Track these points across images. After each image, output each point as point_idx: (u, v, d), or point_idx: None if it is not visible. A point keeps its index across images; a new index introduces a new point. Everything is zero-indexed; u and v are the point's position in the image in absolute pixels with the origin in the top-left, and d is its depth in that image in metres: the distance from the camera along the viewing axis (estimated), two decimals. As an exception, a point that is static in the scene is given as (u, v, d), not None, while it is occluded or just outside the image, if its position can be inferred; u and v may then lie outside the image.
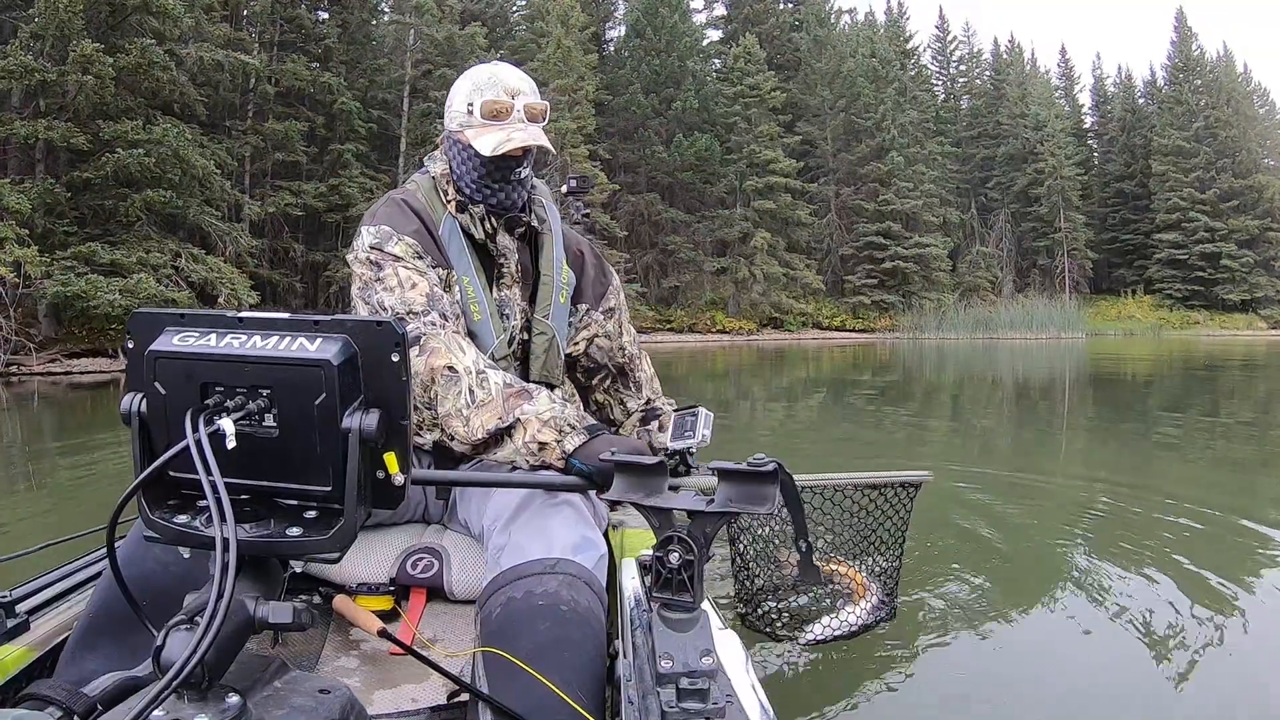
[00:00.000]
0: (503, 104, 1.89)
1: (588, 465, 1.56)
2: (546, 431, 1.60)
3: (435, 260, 1.86)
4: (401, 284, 1.78)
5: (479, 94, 1.90)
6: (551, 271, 2.02)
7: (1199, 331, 47.40)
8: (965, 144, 55.73)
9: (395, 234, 1.83)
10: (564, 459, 1.58)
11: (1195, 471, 6.39)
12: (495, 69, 1.95)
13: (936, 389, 15.37)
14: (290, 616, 0.82)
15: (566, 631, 1.38)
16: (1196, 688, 2.61)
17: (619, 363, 2.22)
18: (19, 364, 18.40)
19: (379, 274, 1.80)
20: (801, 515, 1.55)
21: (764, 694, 1.18)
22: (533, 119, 1.92)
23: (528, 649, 1.34)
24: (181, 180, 21.41)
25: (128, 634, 1.32)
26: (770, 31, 50.35)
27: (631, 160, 42.40)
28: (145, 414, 0.85)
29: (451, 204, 1.94)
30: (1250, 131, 52.72)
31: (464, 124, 1.91)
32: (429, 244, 1.87)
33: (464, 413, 1.64)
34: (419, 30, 33.69)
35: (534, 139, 1.88)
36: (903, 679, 2.65)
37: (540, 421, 1.61)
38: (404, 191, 1.97)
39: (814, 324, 43.98)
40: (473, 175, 1.92)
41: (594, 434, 1.61)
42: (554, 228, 2.08)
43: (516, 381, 1.69)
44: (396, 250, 1.81)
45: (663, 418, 2.23)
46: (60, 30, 19.51)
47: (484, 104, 1.88)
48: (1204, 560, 3.86)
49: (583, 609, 1.43)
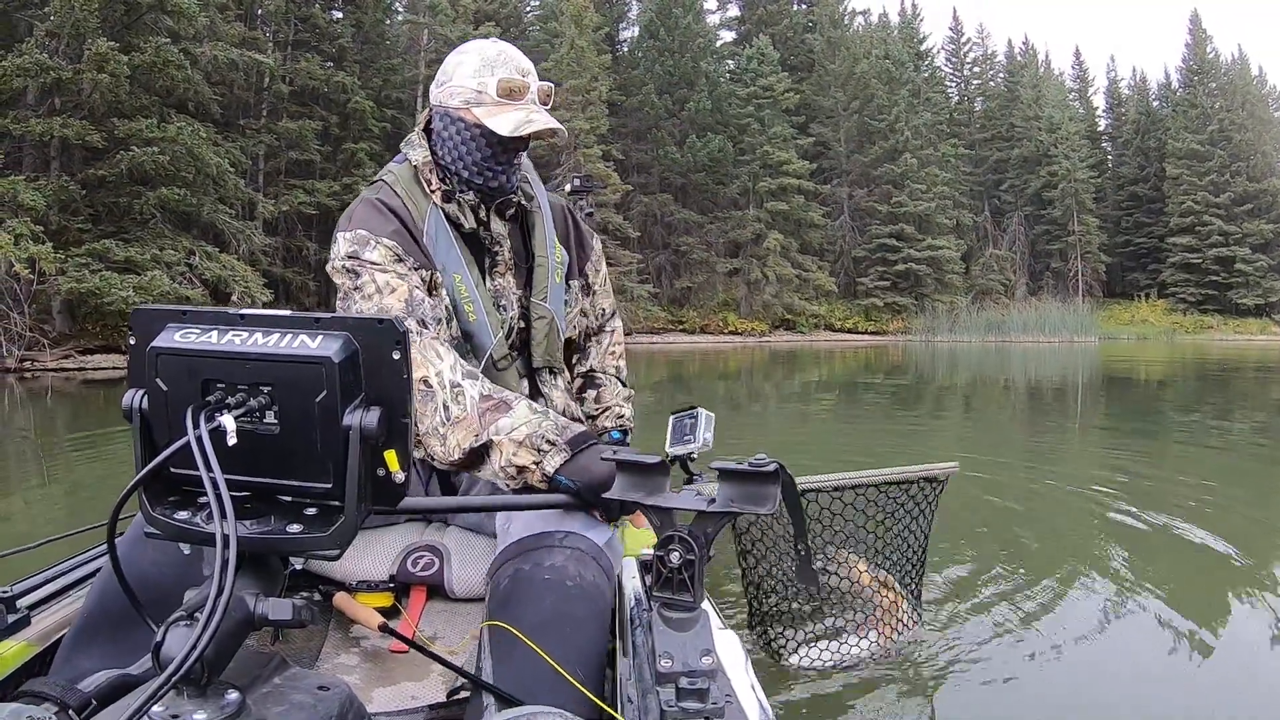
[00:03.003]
0: (517, 83, 1.81)
1: (576, 482, 1.50)
2: (523, 454, 1.52)
3: (418, 261, 1.79)
4: (380, 290, 1.71)
5: (490, 71, 1.81)
6: (546, 252, 1.96)
7: (1212, 336, 47.15)
8: (979, 146, 55.56)
9: (372, 238, 1.75)
10: (546, 480, 1.52)
11: (1216, 474, 6.35)
12: (503, 47, 1.87)
13: (949, 391, 15.33)
14: (290, 613, 0.82)
15: (571, 607, 1.39)
16: (1234, 695, 2.59)
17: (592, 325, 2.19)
18: (33, 359, 18.52)
19: (356, 282, 1.73)
20: (801, 518, 1.54)
21: (763, 694, 1.19)
22: (543, 101, 1.87)
23: (532, 623, 1.35)
24: (195, 178, 21.56)
25: (123, 632, 1.32)
26: (784, 33, 50.28)
27: (645, 161, 42.40)
28: (146, 410, 0.85)
29: (436, 194, 1.86)
30: (1265, 135, 52.42)
31: (471, 101, 1.82)
32: (409, 244, 1.79)
33: (440, 430, 1.57)
34: (433, 30, 33.82)
35: (550, 122, 1.83)
36: (903, 678, 2.63)
37: (515, 443, 1.53)
38: (378, 189, 1.88)
39: (826, 326, 43.93)
40: (476, 156, 1.84)
41: (578, 447, 1.53)
42: (542, 203, 2.01)
43: (495, 391, 1.62)
44: (373, 256, 1.74)
45: (601, 390, 2.16)
46: (75, 29, 19.64)
47: (500, 83, 1.80)
48: (1231, 565, 3.84)
49: (589, 584, 1.43)
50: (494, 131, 1.80)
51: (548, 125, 1.82)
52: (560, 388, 2.01)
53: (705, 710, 0.99)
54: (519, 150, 1.88)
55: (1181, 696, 2.60)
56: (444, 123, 1.87)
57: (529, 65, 1.87)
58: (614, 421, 2.17)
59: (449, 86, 1.86)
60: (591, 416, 2.17)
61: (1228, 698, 2.58)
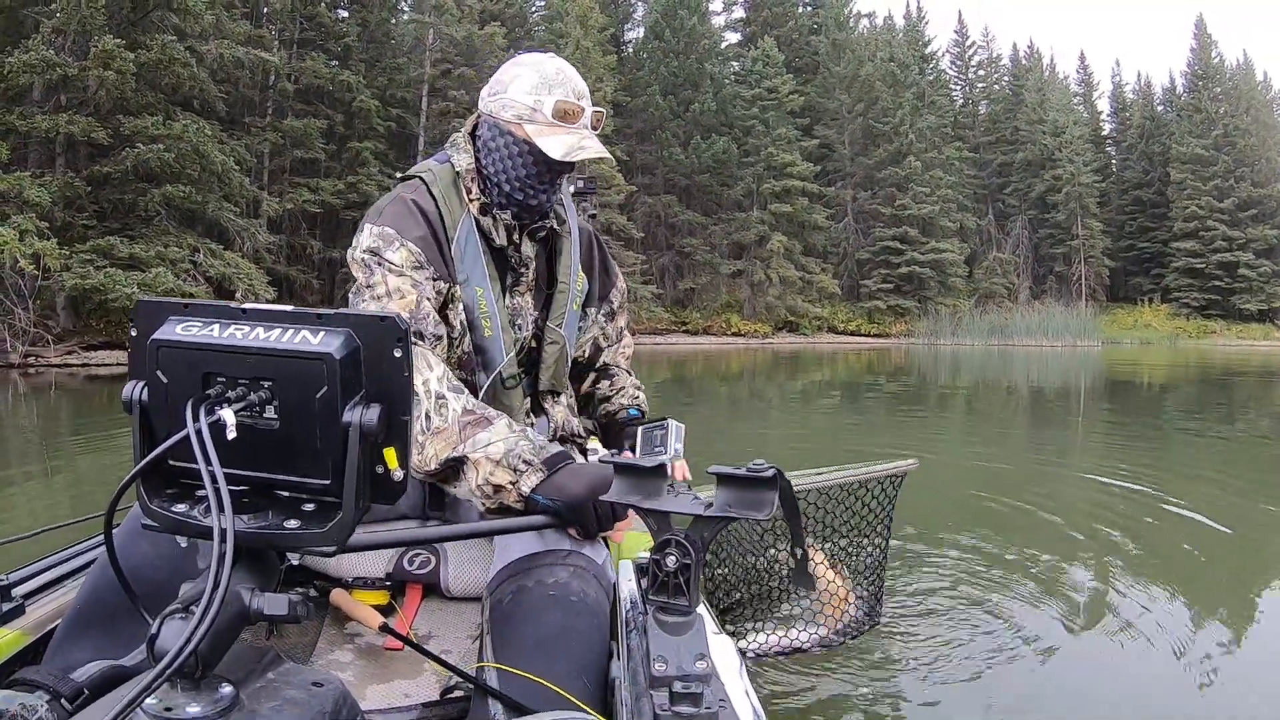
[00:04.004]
0: (573, 107, 1.79)
1: (554, 501, 1.50)
2: (500, 473, 1.52)
3: (438, 271, 1.77)
4: (389, 293, 1.70)
5: (548, 90, 1.78)
6: (569, 279, 1.95)
7: (1215, 341, 47.07)
8: (983, 149, 55.51)
9: (399, 239, 1.73)
10: (522, 500, 1.52)
11: (1214, 476, 6.35)
12: (560, 64, 1.84)
13: (951, 394, 15.31)
14: (285, 609, 0.82)
15: (575, 622, 1.40)
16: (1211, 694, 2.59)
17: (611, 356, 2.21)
18: (37, 355, 18.55)
19: (369, 279, 1.72)
20: (799, 523, 1.53)
21: (757, 699, 1.19)
22: (594, 127, 1.85)
23: (536, 637, 1.36)
24: (200, 176, 21.57)
25: (116, 624, 1.32)
26: (789, 35, 50.26)
27: (649, 162, 42.40)
28: (146, 402, 0.85)
29: (474, 204, 1.84)
30: (1269, 140, 52.30)
31: (524, 118, 1.79)
32: (434, 253, 1.77)
33: (419, 439, 1.56)
34: (438, 29, 33.82)
35: (602, 151, 1.81)
36: (897, 684, 2.63)
37: (493, 462, 1.53)
38: (415, 188, 1.85)
39: (829, 328, 43.88)
40: (521, 172, 1.81)
41: (555, 466, 1.53)
42: (572, 228, 2.00)
43: (478, 407, 1.62)
44: (394, 257, 1.72)
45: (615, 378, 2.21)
46: (82, 26, 19.67)
47: (556, 104, 1.77)
48: (1219, 561, 3.84)
49: (591, 600, 1.45)
50: (544, 152, 1.77)
51: (599, 154, 1.80)
52: (562, 404, 2.02)
53: (699, 714, 0.99)
54: (564, 173, 1.86)
55: (1178, 698, 2.60)
56: (493, 133, 1.84)
57: (585, 89, 1.85)
58: (630, 399, 2.20)
59: (503, 98, 1.83)
60: (606, 398, 2.19)
61: (1219, 699, 2.58)
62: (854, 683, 2.60)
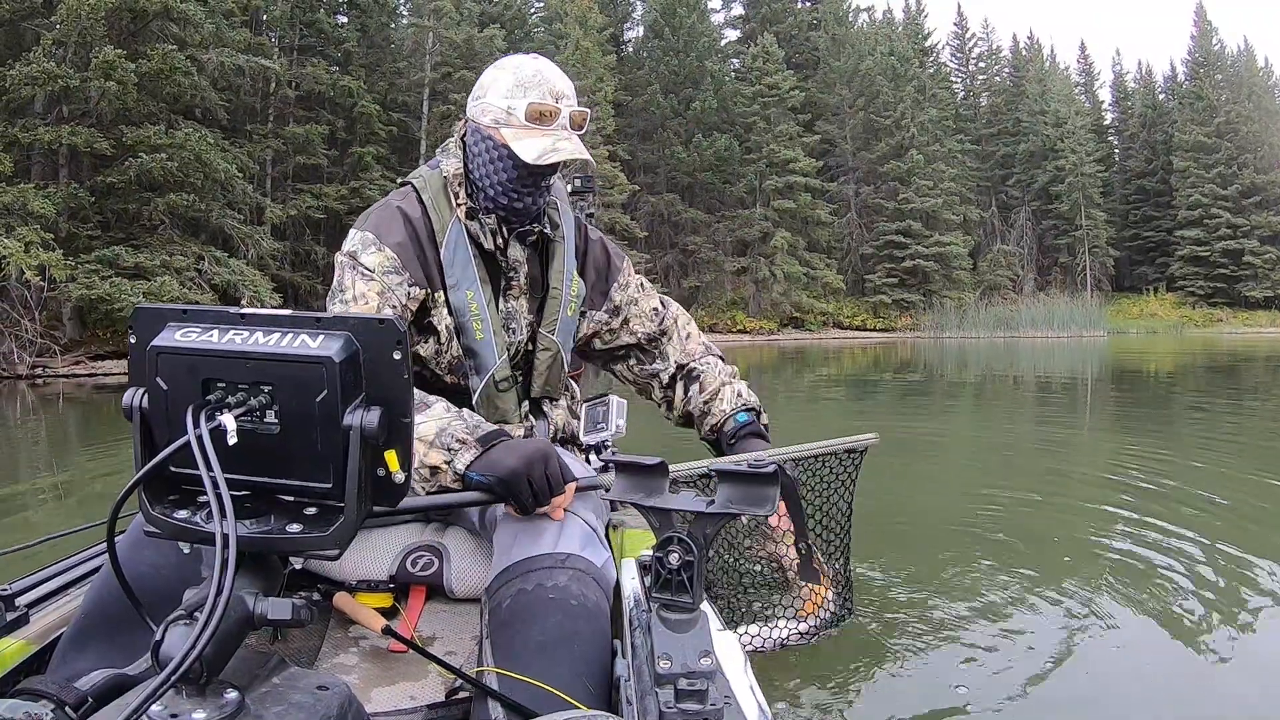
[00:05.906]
0: (548, 108, 1.78)
1: (488, 477, 1.52)
2: (434, 454, 1.55)
3: (414, 277, 1.79)
4: (355, 298, 1.73)
5: (522, 93, 1.79)
6: (561, 284, 1.95)
7: (1221, 329, 46.92)
8: (985, 141, 55.37)
9: (377, 243, 1.76)
10: (458, 478, 1.54)
11: (1221, 467, 6.32)
12: (539, 65, 1.84)
13: (959, 386, 15.29)
14: (289, 613, 0.83)
15: (576, 625, 1.39)
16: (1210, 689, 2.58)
17: (647, 333, 2.19)
18: (44, 366, 18.58)
19: (342, 282, 1.76)
20: (802, 516, 1.53)
21: (762, 695, 1.18)
22: (575, 126, 1.84)
23: (538, 641, 1.36)
24: (204, 184, 21.61)
25: (120, 633, 1.31)
26: (788, 31, 50.22)
27: (651, 161, 42.45)
28: (147, 409, 0.85)
29: (461, 209, 1.85)
30: (1272, 126, 52.07)
31: (500, 121, 1.80)
32: (412, 258, 1.79)
33: None
34: (438, 33, 33.83)
35: (579, 152, 1.80)
36: (905, 679, 2.62)
37: (425, 444, 1.55)
38: (405, 195, 1.88)
39: (835, 323, 43.86)
40: (501, 177, 1.82)
41: (489, 443, 1.56)
42: (566, 233, 1.99)
43: (417, 394, 1.63)
44: (369, 261, 1.75)
45: (703, 378, 2.17)
46: (82, 37, 19.74)
47: (529, 106, 1.77)
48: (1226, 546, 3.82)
49: (591, 604, 1.44)
50: (518, 157, 1.78)
51: (573, 155, 1.79)
52: (562, 407, 2.03)
53: (704, 711, 0.99)
54: (546, 176, 1.86)
55: (1179, 687, 2.59)
56: (475, 138, 1.87)
57: (565, 88, 1.84)
58: (733, 404, 2.16)
59: (482, 103, 1.85)
60: (705, 413, 2.16)
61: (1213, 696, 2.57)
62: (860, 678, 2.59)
